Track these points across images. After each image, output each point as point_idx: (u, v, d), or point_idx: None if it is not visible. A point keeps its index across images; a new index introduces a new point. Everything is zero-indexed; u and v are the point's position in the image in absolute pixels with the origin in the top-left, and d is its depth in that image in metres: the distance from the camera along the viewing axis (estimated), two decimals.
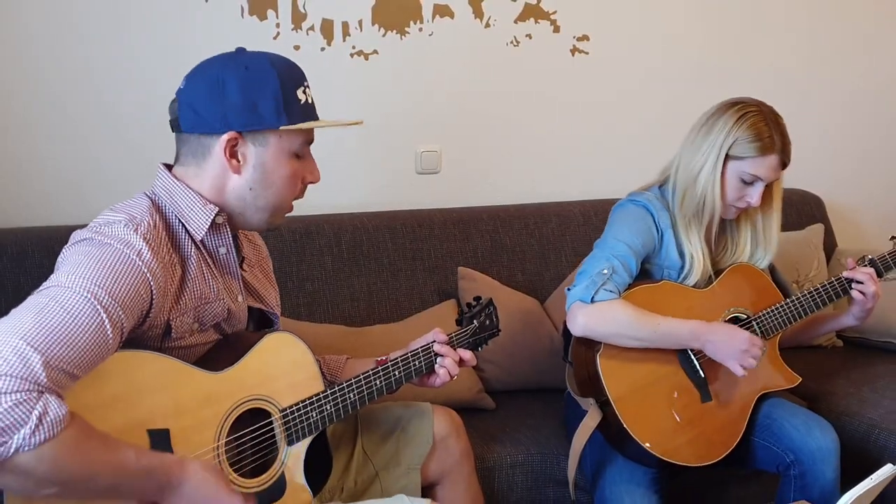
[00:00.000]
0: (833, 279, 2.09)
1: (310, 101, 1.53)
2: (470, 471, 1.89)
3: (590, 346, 1.94)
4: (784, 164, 1.96)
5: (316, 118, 1.55)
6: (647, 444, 1.87)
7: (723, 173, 1.95)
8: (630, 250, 1.94)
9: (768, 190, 1.99)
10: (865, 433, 2.21)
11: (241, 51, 1.51)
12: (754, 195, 1.95)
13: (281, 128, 1.47)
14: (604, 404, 1.91)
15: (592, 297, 1.87)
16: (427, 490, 1.84)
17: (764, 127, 1.93)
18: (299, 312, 2.39)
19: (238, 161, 1.48)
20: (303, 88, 1.51)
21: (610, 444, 1.97)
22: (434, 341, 1.75)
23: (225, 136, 1.45)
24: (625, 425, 1.87)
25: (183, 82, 1.49)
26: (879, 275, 2.11)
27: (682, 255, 2.01)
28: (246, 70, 1.45)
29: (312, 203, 2.55)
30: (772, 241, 2.09)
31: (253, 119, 1.45)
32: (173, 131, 1.52)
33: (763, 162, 1.93)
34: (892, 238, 2.19)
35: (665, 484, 1.97)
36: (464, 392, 2.30)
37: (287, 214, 2.35)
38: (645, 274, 2.04)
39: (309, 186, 2.51)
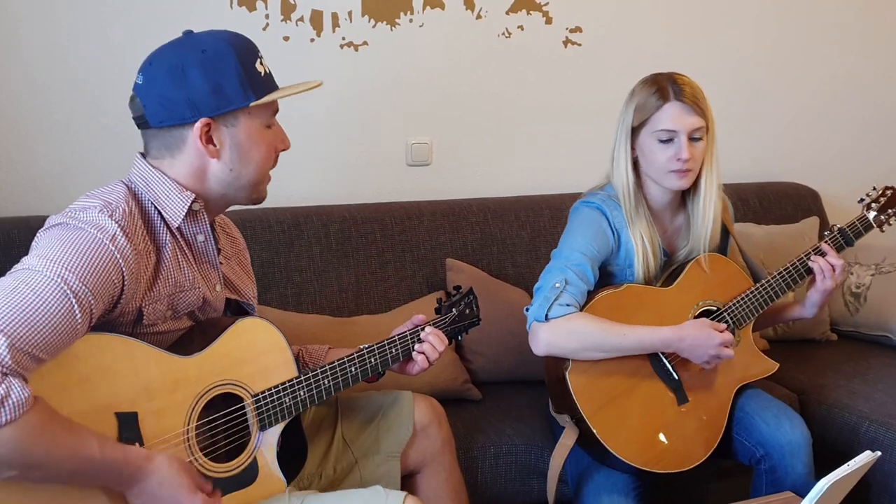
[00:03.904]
0: (802, 255, 2.05)
1: (268, 71, 1.53)
2: (451, 460, 1.88)
3: (559, 362, 1.89)
4: (693, 109, 1.88)
5: (276, 87, 1.54)
6: (628, 458, 1.83)
7: (637, 147, 1.94)
8: (585, 258, 1.90)
9: (698, 151, 1.91)
10: (855, 425, 2.18)
11: (189, 34, 1.50)
12: (681, 150, 1.87)
13: (251, 105, 1.46)
14: (578, 421, 1.87)
15: (546, 314, 1.83)
16: (408, 478, 1.83)
17: (652, 83, 1.92)
18: (287, 303, 2.38)
19: (215, 146, 1.48)
20: (259, 61, 1.50)
21: (591, 457, 1.94)
22: (417, 327, 1.75)
23: (198, 124, 1.45)
24: (602, 441, 1.84)
25: (139, 77, 1.48)
26: (850, 244, 2.08)
27: None
28: (203, 53, 1.44)
29: (301, 194, 2.58)
30: (710, 202, 1.97)
31: (221, 102, 1.45)
32: (140, 128, 1.51)
33: (665, 113, 1.88)
34: (861, 200, 2.14)
35: (646, 481, 1.95)
36: (450, 382, 2.29)
37: (278, 206, 2.44)
38: (608, 276, 2.00)
39: (299, 178, 2.56)
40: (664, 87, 1.89)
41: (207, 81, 1.43)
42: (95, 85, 2.39)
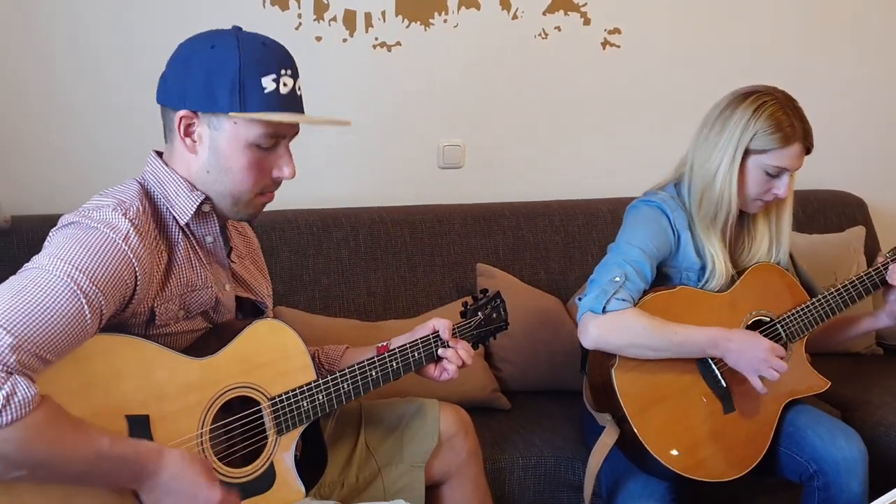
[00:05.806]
0: (863, 273, 1.98)
1: (282, 91, 1.41)
2: (478, 471, 1.83)
3: (605, 358, 1.84)
4: (808, 150, 1.87)
5: (289, 111, 1.43)
6: (668, 462, 1.78)
7: (742, 169, 1.86)
8: (644, 255, 1.85)
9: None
10: None
11: (235, 29, 1.45)
12: (782, 187, 1.87)
13: (230, 114, 1.39)
14: (620, 420, 1.82)
15: (604, 307, 1.78)
16: (432, 490, 1.78)
17: (783, 116, 1.83)
18: (314, 306, 2.34)
19: (194, 140, 1.43)
20: (274, 77, 1.40)
21: (629, 460, 1.88)
22: (437, 332, 1.69)
23: (179, 113, 1.41)
24: (643, 442, 1.78)
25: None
26: None
27: (700, 255, 1.92)
28: (212, 49, 1.40)
29: (330, 196, 2.54)
30: (783, 233, 1.99)
31: (206, 100, 1.39)
32: None
33: (787, 152, 1.84)
34: None
35: (682, 491, 1.88)
36: (478, 391, 2.23)
37: (307, 208, 2.40)
38: (663, 277, 1.94)
39: (328, 180, 2.52)
40: (793, 126, 1.83)
41: (203, 76, 1.39)
42: (123, 85, 2.37)
